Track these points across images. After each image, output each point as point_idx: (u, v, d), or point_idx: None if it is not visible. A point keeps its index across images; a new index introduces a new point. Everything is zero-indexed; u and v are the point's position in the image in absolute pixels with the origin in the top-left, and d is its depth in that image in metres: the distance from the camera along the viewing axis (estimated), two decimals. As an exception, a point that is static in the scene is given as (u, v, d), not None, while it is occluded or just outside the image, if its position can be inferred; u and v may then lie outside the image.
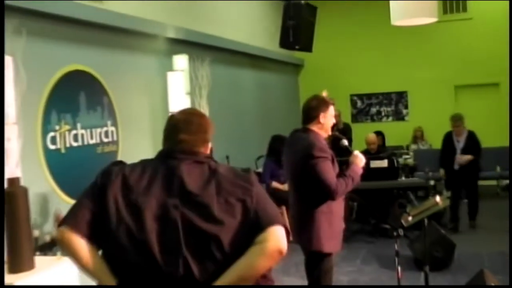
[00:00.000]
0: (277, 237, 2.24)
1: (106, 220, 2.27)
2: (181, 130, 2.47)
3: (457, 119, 8.80)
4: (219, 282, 2.21)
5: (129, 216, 2.26)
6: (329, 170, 4.19)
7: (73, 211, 2.33)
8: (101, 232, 2.28)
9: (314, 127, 4.42)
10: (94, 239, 2.29)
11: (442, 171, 9.02)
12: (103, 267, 2.29)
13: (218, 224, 2.23)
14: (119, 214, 2.27)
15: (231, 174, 2.38)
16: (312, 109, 4.42)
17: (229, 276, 2.21)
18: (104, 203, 2.29)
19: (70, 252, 2.29)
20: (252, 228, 2.26)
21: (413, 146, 11.78)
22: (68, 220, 2.30)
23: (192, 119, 2.54)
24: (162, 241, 2.23)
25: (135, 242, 2.23)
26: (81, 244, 2.26)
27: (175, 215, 2.25)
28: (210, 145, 2.57)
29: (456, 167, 8.66)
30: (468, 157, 8.58)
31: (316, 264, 4.42)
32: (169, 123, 2.56)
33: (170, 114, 2.72)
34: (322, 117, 4.39)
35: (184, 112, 2.66)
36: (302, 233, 4.36)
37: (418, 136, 11.97)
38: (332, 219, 4.32)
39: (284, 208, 8.42)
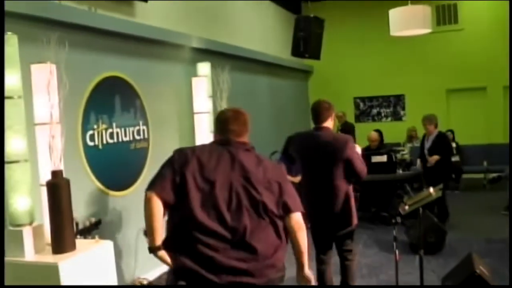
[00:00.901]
0: (301, 220, 2.96)
1: (184, 188, 2.78)
2: (231, 123, 3.04)
3: (423, 119, 8.30)
4: (302, 259, 3.00)
5: (203, 186, 2.80)
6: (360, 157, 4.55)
7: (157, 180, 2.84)
8: (178, 198, 2.78)
9: (327, 125, 4.60)
10: (172, 202, 2.79)
11: (418, 162, 8.58)
12: (161, 228, 2.82)
13: (263, 196, 2.83)
14: (196, 184, 2.79)
15: (271, 164, 3.00)
16: (326, 110, 4.60)
17: (299, 253, 2.99)
18: (184, 176, 2.80)
19: (148, 209, 2.79)
20: (284, 206, 2.90)
21: (409, 145, 11.70)
22: (155, 187, 2.81)
23: (239, 115, 3.10)
24: (229, 204, 2.79)
25: (207, 205, 2.77)
26: (159, 207, 2.78)
27: (237, 186, 2.82)
28: (248, 133, 3.13)
29: (428, 164, 8.10)
30: (434, 157, 7.94)
31: (351, 238, 4.70)
32: (221, 117, 3.12)
33: (220, 110, 3.32)
34: (333, 117, 4.67)
35: (232, 110, 3.20)
36: (341, 213, 4.53)
37: (413, 135, 11.88)
38: None
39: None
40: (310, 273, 3.07)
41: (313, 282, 3.12)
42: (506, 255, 6.04)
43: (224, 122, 3.06)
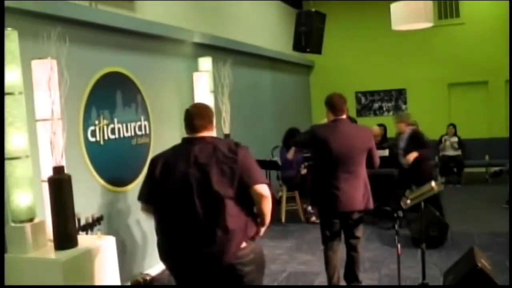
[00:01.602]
0: (263, 190, 3.17)
1: (157, 185, 3.25)
2: (195, 118, 3.35)
3: (395, 117, 7.90)
4: (263, 222, 3.29)
5: (168, 180, 3.21)
6: None
7: (142, 189, 3.37)
8: (156, 192, 3.26)
9: (345, 117, 4.89)
10: (153, 199, 3.29)
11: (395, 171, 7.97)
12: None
13: (218, 183, 3.10)
14: (163, 180, 3.22)
15: (225, 149, 3.20)
16: (344, 103, 4.87)
17: (262, 218, 3.26)
18: (155, 176, 3.26)
19: (146, 214, 3.45)
20: (242, 183, 3.13)
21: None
22: (141, 197, 3.37)
23: (200, 110, 3.43)
24: (184, 194, 3.13)
25: (170, 200, 3.20)
26: (149, 210, 3.38)
27: (192, 178, 3.14)
28: (214, 123, 3.45)
29: (404, 166, 7.44)
30: (412, 154, 7.22)
31: (361, 221, 4.96)
32: (187, 114, 3.41)
33: (185, 109, 3.52)
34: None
35: (194, 106, 3.58)
36: (363, 197, 4.83)
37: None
38: None
39: (297, 192, 8.48)
40: (262, 230, 3.38)
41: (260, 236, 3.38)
42: (508, 248, 6.02)
43: (189, 119, 3.39)
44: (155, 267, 6.07)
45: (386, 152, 8.35)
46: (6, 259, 3.73)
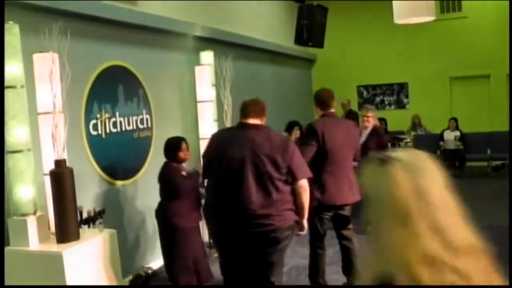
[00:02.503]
0: (305, 184, 3.74)
1: (210, 163, 3.82)
2: (249, 107, 3.86)
3: (367, 110, 7.58)
4: (303, 212, 3.82)
5: (221, 159, 3.68)
6: None
7: (202, 168, 3.97)
8: (209, 169, 3.84)
9: (333, 111, 4.93)
10: (207, 174, 3.92)
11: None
12: None
13: (268, 167, 3.57)
14: (216, 159, 3.74)
15: (278, 139, 3.71)
16: (332, 97, 4.90)
17: (301, 209, 3.78)
18: (208, 155, 3.86)
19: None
20: (290, 174, 3.64)
21: (412, 133, 11.64)
22: (202, 175, 4.04)
23: (255, 101, 3.95)
24: (238, 172, 3.59)
25: (226, 172, 3.66)
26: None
27: (247, 160, 3.59)
28: (265, 117, 3.90)
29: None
30: None
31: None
32: (243, 104, 3.92)
33: (242, 100, 4.07)
34: None
35: (252, 99, 4.02)
36: (356, 189, 4.78)
37: (416, 123, 11.83)
38: None
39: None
40: (306, 223, 3.91)
41: (305, 231, 3.99)
42: (509, 242, 6.02)
43: (245, 106, 3.87)
44: (157, 260, 6.07)
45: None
46: (8, 252, 3.74)
